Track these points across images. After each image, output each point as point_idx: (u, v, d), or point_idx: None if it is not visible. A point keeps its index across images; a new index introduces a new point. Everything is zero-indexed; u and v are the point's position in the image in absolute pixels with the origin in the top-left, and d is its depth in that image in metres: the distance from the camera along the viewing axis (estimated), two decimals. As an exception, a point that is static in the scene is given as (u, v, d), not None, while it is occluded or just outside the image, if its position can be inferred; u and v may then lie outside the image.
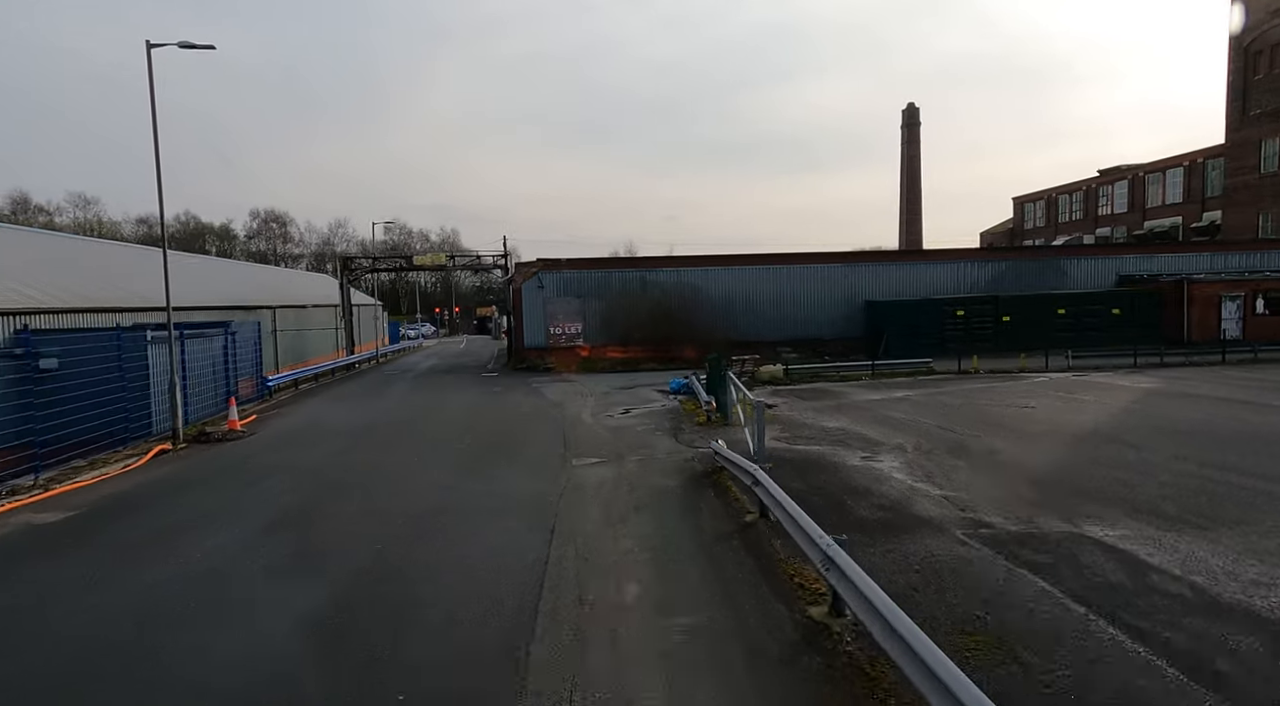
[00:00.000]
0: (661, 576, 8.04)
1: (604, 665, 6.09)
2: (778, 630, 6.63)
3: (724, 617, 6.93)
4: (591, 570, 8.21)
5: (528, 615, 7.02)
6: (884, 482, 11.73)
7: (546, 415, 21.51)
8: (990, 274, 40.80)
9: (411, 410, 23.15)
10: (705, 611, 7.07)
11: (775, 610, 7.03)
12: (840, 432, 16.85)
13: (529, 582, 7.82)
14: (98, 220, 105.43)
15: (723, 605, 7.21)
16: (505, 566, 8.39)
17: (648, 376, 32.55)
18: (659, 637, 6.57)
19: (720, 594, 7.49)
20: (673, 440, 16.65)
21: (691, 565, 8.39)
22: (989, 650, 6.10)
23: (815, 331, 40.30)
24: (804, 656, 6.14)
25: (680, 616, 6.96)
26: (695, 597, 7.41)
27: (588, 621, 6.89)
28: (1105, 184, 74.91)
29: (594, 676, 5.87)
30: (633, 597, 7.48)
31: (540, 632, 6.66)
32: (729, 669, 6.02)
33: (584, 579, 7.94)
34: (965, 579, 7.64)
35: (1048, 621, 6.63)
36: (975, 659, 5.91)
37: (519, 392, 27.87)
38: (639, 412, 21.65)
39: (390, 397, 27.13)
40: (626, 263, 40.60)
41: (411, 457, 15.24)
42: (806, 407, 21.43)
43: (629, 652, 6.32)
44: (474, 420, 20.80)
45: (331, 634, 6.87)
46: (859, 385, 27.05)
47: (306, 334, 42.99)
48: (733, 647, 6.36)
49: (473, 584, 7.89)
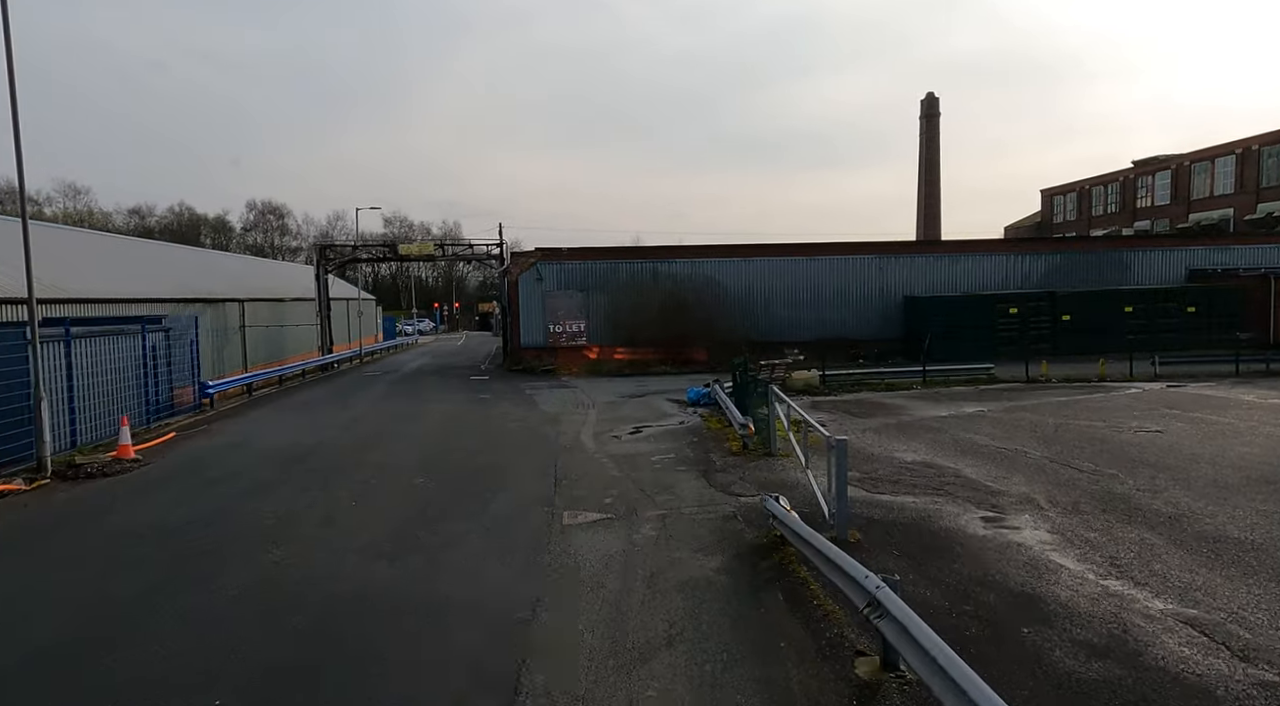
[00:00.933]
0: None
1: None
2: None
3: None
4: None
5: None
6: (1050, 578, 7.42)
7: (538, 435, 17.24)
8: (1043, 267, 36.35)
9: (374, 425, 18.91)
10: None
11: None
12: (925, 470, 12.52)
13: None
14: (88, 210, 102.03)
15: None
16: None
17: (659, 382, 28.24)
18: None
19: None
20: (702, 480, 12.34)
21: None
22: None
23: (847, 331, 35.95)
24: None
25: None
26: None
27: None
28: (1144, 174, 70.25)
29: None
30: None
31: None
32: None
33: None
34: None
35: None
36: None
37: (510, 401, 23.60)
38: (653, 432, 17.36)
39: (356, 407, 22.91)
40: (635, 252, 36.31)
41: (339, 509, 10.96)
42: (862, 427, 17.10)
43: None
44: (446, 442, 16.53)
45: None
46: (911, 396, 22.69)
47: (285, 330, 38.86)
48: None
49: None
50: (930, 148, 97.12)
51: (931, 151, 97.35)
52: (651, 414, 20.48)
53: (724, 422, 18.13)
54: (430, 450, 15.53)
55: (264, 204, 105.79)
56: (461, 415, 20.61)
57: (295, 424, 19.41)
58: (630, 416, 20.01)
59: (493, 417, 20.03)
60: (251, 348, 34.52)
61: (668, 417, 19.74)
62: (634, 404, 22.73)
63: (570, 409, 21.69)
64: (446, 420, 19.75)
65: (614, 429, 17.95)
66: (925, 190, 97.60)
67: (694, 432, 17.21)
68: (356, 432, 17.73)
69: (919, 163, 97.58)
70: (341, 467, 13.74)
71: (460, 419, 19.91)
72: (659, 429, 17.89)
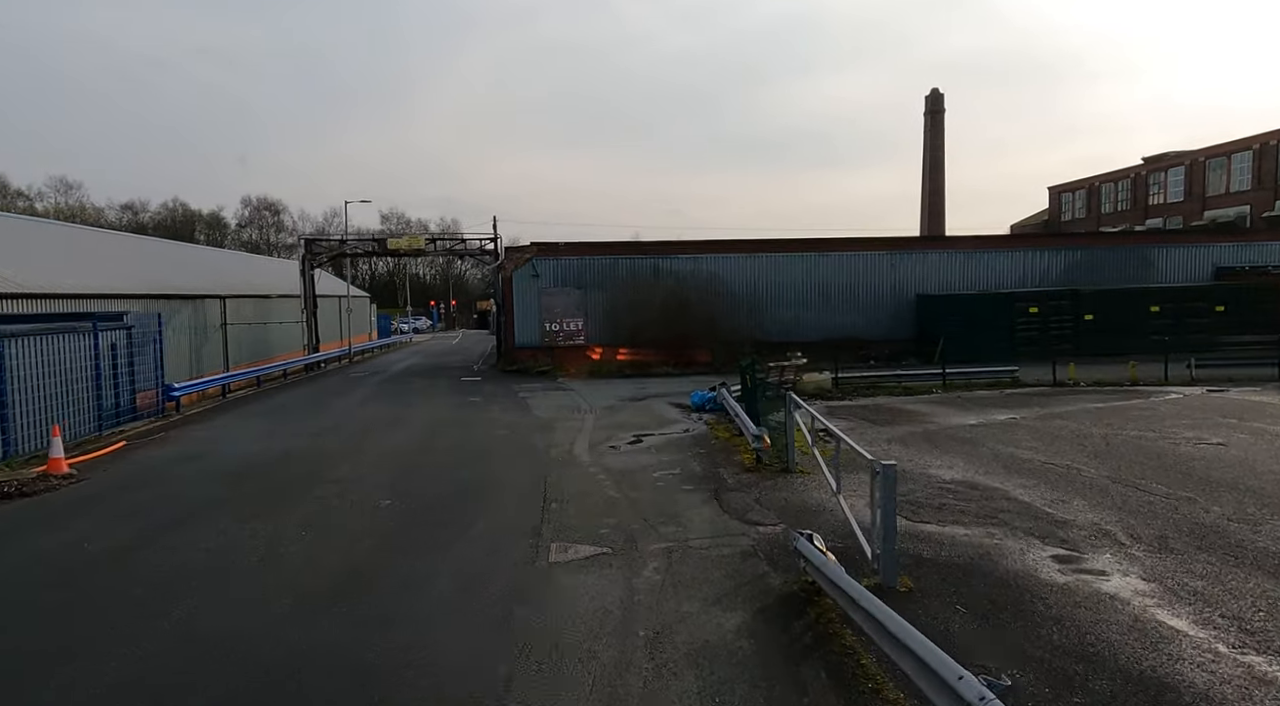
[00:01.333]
0: None
1: None
2: None
3: None
4: None
5: None
6: (1169, 650, 5.77)
7: (528, 445, 15.60)
8: (1062, 264, 34.69)
9: (348, 433, 17.27)
10: None
11: None
12: (970, 491, 10.88)
13: None
14: (80, 205, 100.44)
15: None
16: None
17: (660, 384, 26.62)
18: None
19: None
20: (713, 503, 10.70)
21: None
22: None
23: (856, 331, 34.28)
24: None
25: None
26: None
27: None
28: (1156, 171, 68.63)
29: None
30: None
31: None
32: None
33: None
34: None
35: None
36: None
37: (500, 405, 21.96)
38: (655, 442, 15.72)
39: (334, 411, 21.27)
40: (635, 248, 34.67)
41: (284, 540, 9.30)
42: (885, 437, 15.47)
43: None
44: (424, 453, 14.89)
45: None
46: (933, 401, 21.05)
47: (271, 328, 37.23)
48: None
49: None
50: (935, 144, 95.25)
51: (936, 148, 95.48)
52: (653, 420, 18.85)
53: (732, 431, 16.51)
54: (406, 463, 13.88)
55: (259, 200, 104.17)
56: (447, 421, 18.94)
57: (263, 431, 17.76)
58: (630, 423, 18.38)
59: (480, 424, 18.38)
60: (234, 346, 32.90)
61: (671, 425, 18.10)
62: (634, 409, 21.10)
63: (565, 414, 20.06)
64: (429, 427, 18.09)
65: (612, 437, 16.31)
66: (929, 187, 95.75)
67: (700, 443, 15.58)
68: (327, 444, 16.08)
69: (923, 159, 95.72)
70: (301, 485, 12.10)
71: (445, 425, 18.25)
72: (661, 438, 16.25)
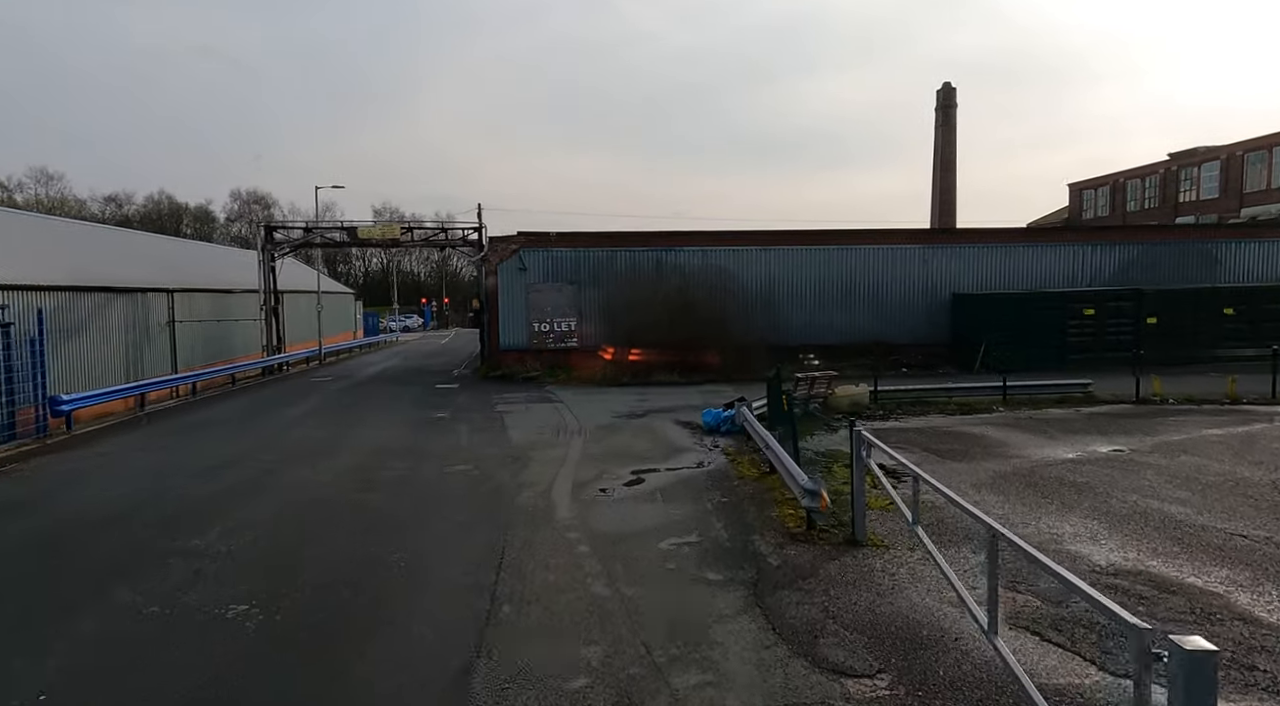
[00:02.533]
0: None
1: None
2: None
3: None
4: None
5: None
6: None
7: (490, 488, 11.63)
8: (1116, 261, 30.79)
9: (256, 468, 13.29)
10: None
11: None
12: (1159, 595, 6.93)
13: None
14: (60, 197, 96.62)
15: None
16: None
17: (664, 395, 22.72)
18: None
19: None
20: (757, 614, 6.73)
21: None
22: None
23: (884, 333, 30.39)
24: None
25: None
26: None
27: None
28: (1189, 166, 64.83)
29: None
30: None
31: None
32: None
33: None
34: None
35: None
36: None
37: (470, 424, 18.02)
38: (660, 483, 11.77)
39: (259, 431, 17.32)
40: (636, 239, 30.73)
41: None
42: (971, 481, 11.51)
43: None
44: (340, 507, 10.86)
45: None
46: (999, 422, 17.12)
47: (233, 326, 33.24)
48: None
49: None
50: (947, 141, 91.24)
51: (948, 145, 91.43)
52: (657, 447, 14.92)
53: (760, 465, 12.62)
54: (311, 522, 9.92)
55: (249, 193, 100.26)
56: (394, 450, 14.95)
57: (151, 462, 13.78)
58: (628, 451, 14.44)
59: (436, 454, 14.40)
60: (187, 347, 28.97)
61: (680, 454, 14.16)
62: (633, 429, 17.17)
63: (549, 437, 16.13)
64: (369, 458, 14.10)
65: (604, 474, 12.37)
66: (941, 185, 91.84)
67: (720, 484, 11.63)
68: (221, 482, 12.09)
69: (934, 155, 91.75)
70: (125, 565, 8.14)
71: (390, 456, 14.26)
72: (669, 475, 12.31)
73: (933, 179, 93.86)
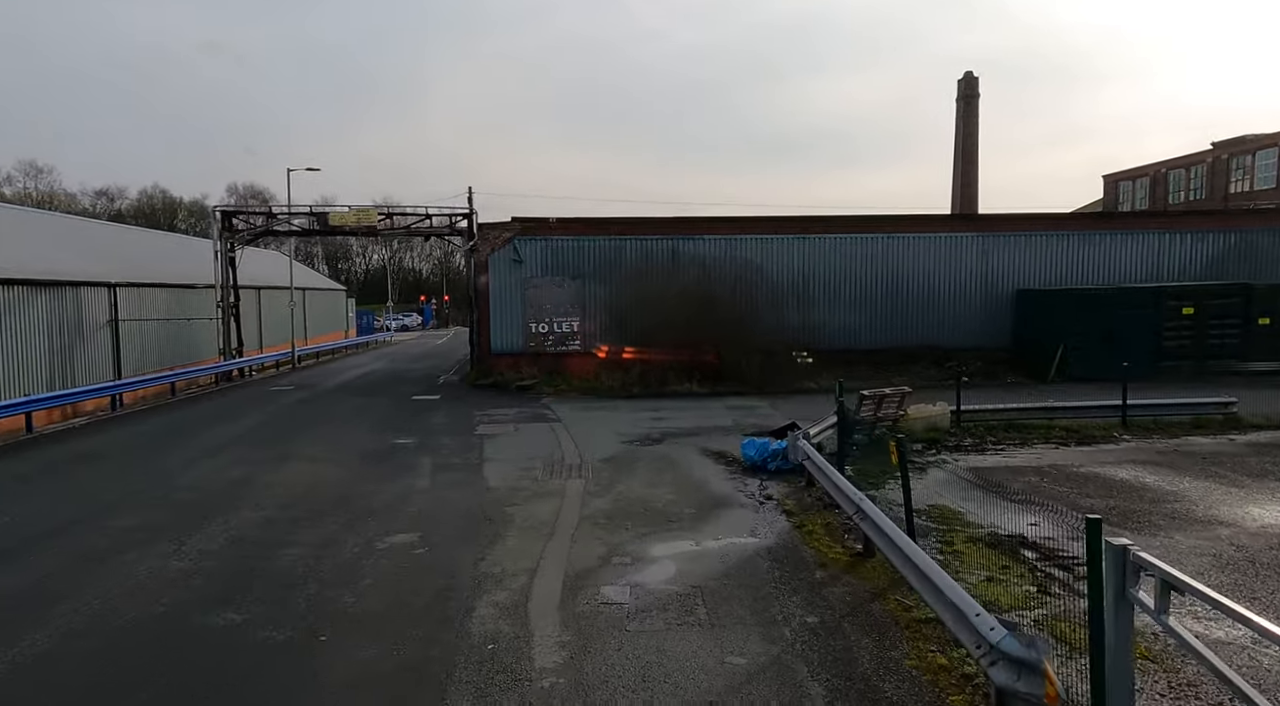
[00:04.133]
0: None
1: None
2: None
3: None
4: None
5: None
6: None
7: (434, 590, 7.36)
8: (1209, 251, 26.44)
9: (111, 540, 9.09)
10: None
11: None
12: None
13: None
14: (50, 191, 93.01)
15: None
16: None
17: (684, 410, 18.55)
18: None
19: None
20: None
21: None
22: None
23: (935, 336, 26.20)
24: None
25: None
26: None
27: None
28: (1240, 153, 60.26)
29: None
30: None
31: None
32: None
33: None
34: None
35: None
36: None
37: (438, 455, 13.80)
38: (699, 576, 7.53)
39: (166, 464, 13.16)
40: (648, 226, 26.48)
41: None
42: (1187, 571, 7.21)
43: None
44: (187, 634, 6.68)
45: None
46: (1137, 456, 12.87)
47: (197, 325, 29.20)
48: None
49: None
50: (968, 132, 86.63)
51: (970, 136, 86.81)
52: (685, 495, 10.70)
53: (841, 533, 8.42)
54: (94, 677, 5.75)
55: (245, 187, 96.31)
56: (319, 502, 10.71)
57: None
58: (645, 504, 10.23)
59: (372, 512, 10.15)
60: (135, 349, 25.00)
61: (719, 510, 9.95)
62: (649, 463, 12.96)
63: (537, 479, 11.92)
64: (271, 521, 9.82)
65: (612, 556, 8.16)
66: (963, 180, 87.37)
67: (795, 578, 7.43)
68: (18, 577, 7.94)
69: (955, 147, 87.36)
70: None
71: (305, 517, 9.99)
72: (712, 557, 8.08)
73: (953, 171, 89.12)
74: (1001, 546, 8.41)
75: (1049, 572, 7.67)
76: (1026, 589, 7.21)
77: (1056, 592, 7.06)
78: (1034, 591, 7.17)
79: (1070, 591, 6.82)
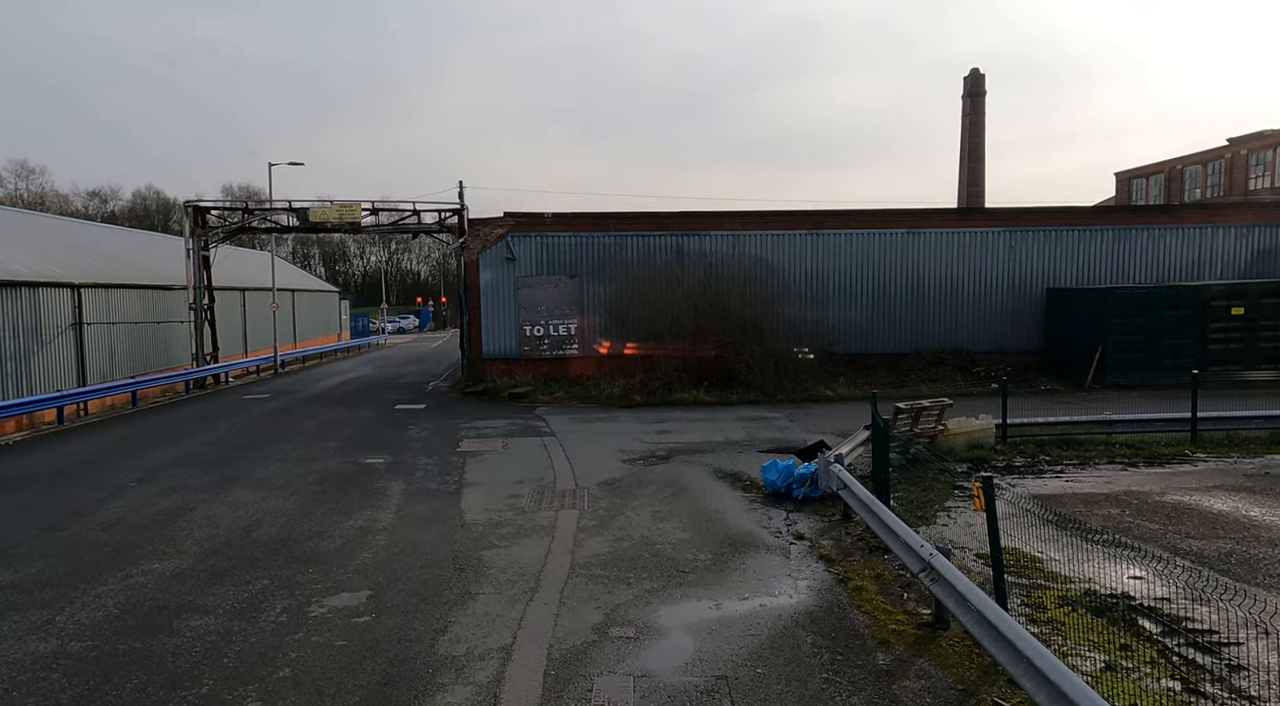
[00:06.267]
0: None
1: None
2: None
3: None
4: None
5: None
6: None
7: (369, 686, 5.58)
8: (1254, 247, 24.61)
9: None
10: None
11: None
12: None
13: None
14: (42, 192, 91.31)
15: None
16: None
17: (691, 422, 16.67)
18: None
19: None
20: None
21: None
22: None
23: (960, 338, 24.42)
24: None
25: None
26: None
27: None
28: (1260, 149, 58.43)
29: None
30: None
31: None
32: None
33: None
34: None
35: None
36: None
37: (409, 480, 11.94)
38: (723, 660, 5.66)
39: (89, 494, 11.33)
40: (650, 221, 24.65)
41: None
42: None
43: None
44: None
45: None
46: (1222, 480, 11.04)
47: (175, 328, 27.42)
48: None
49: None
50: (974, 130, 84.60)
51: (975, 134, 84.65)
52: (700, 536, 8.84)
53: (897, 593, 6.58)
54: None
55: (241, 188, 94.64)
56: (254, 546, 8.87)
57: None
58: (651, 548, 8.38)
59: (318, 559, 8.31)
60: (104, 355, 23.25)
61: (742, 556, 8.11)
62: (655, 491, 11.09)
63: (522, 510, 10.06)
64: (184, 575, 8.02)
65: (609, 626, 6.32)
66: (968, 178, 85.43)
67: (851, 663, 5.57)
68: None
69: (960, 145, 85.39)
70: None
71: (232, 568, 8.17)
72: (738, 628, 6.24)
73: (959, 170, 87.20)
74: (1108, 612, 6.55)
75: (1186, 656, 5.81)
76: (1168, 686, 5.34)
77: (1212, 692, 5.20)
78: (1178, 690, 5.30)
79: (1230, 690, 4.97)
